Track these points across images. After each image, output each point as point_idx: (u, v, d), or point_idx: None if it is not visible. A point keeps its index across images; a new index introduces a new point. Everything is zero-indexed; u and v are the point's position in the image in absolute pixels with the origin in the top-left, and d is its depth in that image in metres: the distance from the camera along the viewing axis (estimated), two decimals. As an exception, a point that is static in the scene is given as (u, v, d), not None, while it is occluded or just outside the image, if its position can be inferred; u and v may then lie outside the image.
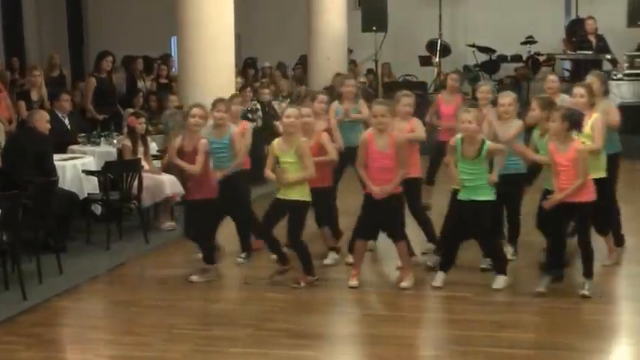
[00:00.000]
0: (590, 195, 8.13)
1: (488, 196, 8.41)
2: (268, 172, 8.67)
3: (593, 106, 8.91)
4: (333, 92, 10.80)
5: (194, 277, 8.94)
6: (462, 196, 8.48)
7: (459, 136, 8.44)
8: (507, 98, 9.13)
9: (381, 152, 8.44)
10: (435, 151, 11.41)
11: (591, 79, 9.40)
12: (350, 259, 9.15)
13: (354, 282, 8.67)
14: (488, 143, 8.39)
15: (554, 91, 10.10)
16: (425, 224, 9.70)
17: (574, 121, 8.12)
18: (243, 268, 9.47)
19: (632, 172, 13.48)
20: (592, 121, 8.75)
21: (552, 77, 10.45)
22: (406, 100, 9.44)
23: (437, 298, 8.41)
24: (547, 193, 8.50)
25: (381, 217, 8.58)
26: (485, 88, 10.17)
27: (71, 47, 22.53)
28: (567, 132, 8.09)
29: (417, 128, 9.40)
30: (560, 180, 8.15)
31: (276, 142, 8.72)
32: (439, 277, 8.60)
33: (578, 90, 9.01)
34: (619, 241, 9.64)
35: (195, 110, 8.96)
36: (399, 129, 9.04)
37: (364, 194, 8.65)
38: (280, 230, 8.97)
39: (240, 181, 9.52)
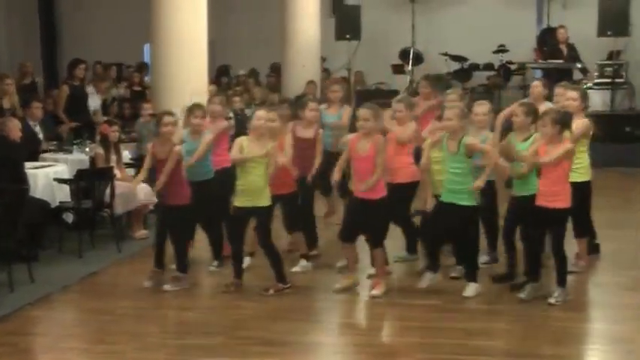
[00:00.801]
0: (565, 201, 8.18)
1: (470, 201, 8.47)
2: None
3: (584, 110, 9.09)
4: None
5: (167, 287, 8.95)
6: (444, 198, 8.56)
7: (444, 133, 8.58)
8: (483, 107, 9.19)
9: (360, 155, 8.50)
10: None
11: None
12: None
13: (338, 286, 8.78)
14: (467, 137, 8.43)
15: (537, 97, 10.15)
16: (410, 235, 9.78)
17: (565, 122, 8.21)
18: (215, 276, 9.48)
19: (602, 179, 13.59)
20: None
21: (537, 82, 10.43)
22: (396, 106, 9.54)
23: (407, 306, 8.44)
24: (514, 200, 8.65)
25: (362, 220, 8.61)
26: (452, 96, 10.14)
27: (44, 55, 22.44)
28: (559, 135, 8.14)
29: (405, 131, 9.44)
30: (542, 186, 8.23)
31: (245, 141, 8.79)
32: (426, 278, 8.66)
33: (572, 94, 9.13)
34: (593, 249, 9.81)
35: (167, 119, 8.99)
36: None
37: (348, 196, 8.69)
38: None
39: (213, 187, 9.51)
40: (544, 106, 9.53)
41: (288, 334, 7.69)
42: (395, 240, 9.62)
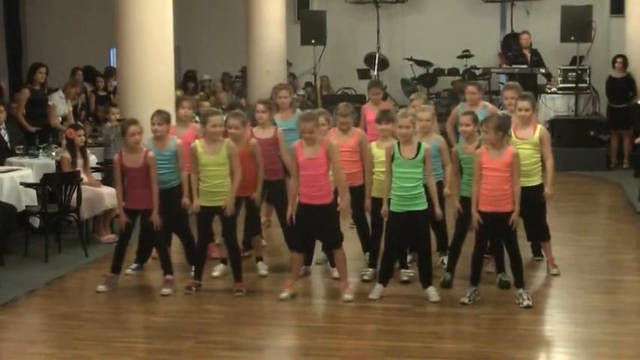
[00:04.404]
0: (510, 205, 8.37)
1: (424, 205, 8.52)
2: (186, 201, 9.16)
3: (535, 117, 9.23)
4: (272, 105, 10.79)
5: (166, 290, 8.97)
6: (396, 208, 8.55)
7: (394, 141, 8.63)
8: (426, 113, 9.24)
9: (309, 159, 8.51)
10: None
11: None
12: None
13: (284, 294, 8.75)
14: (425, 145, 8.54)
15: (475, 102, 10.30)
16: (364, 234, 9.75)
17: (506, 128, 8.46)
18: (185, 280, 9.44)
19: (566, 183, 13.72)
20: (539, 132, 9.19)
21: (471, 88, 10.54)
22: (341, 119, 9.51)
23: (376, 309, 8.46)
24: (463, 200, 8.77)
25: (316, 227, 8.60)
26: (417, 101, 10.20)
27: (10, 60, 22.27)
28: (502, 140, 8.33)
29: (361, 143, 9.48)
30: (484, 185, 8.34)
31: (199, 145, 8.86)
32: (377, 290, 8.68)
33: (523, 104, 9.21)
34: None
35: (132, 128, 8.99)
36: (342, 142, 9.31)
37: (298, 204, 8.66)
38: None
39: (178, 196, 9.49)
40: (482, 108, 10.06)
41: (257, 339, 7.69)
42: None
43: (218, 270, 9.56)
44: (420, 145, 8.51)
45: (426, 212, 8.56)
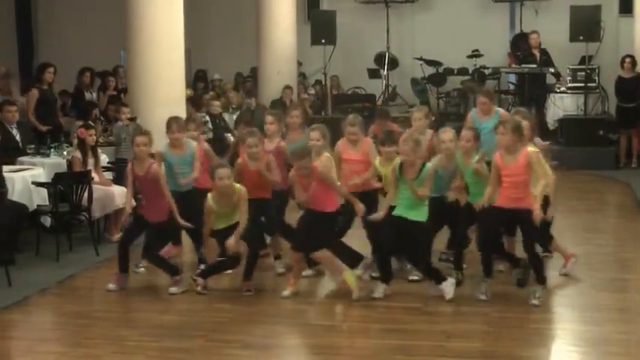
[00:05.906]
0: (530, 204, 8.31)
1: (421, 217, 8.53)
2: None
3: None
4: (282, 104, 10.78)
5: (173, 289, 9.02)
6: (396, 212, 8.59)
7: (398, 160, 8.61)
8: (448, 134, 9.09)
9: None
10: None
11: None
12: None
13: (287, 292, 8.82)
14: (429, 165, 8.58)
15: (487, 111, 10.26)
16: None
17: (522, 132, 8.36)
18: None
19: (575, 182, 13.71)
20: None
21: (482, 99, 10.47)
22: (350, 129, 9.43)
23: (386, 308, 8.47)
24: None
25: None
26: (417, 114, 10.02)
27: (21, 61, 22.35)
28: (517, 144, 8.27)
29: (369, 152, 9.41)
30: (507, 192, 8.31)
31: (211, 199, 8.88)
32: (380, 289, 8.71)
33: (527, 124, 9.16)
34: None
35: (139, 139, 9.15)
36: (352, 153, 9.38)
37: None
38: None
39: (197, 198, 9.52)
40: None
41: (268, 337, 7.73)
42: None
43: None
44: (423, 165, 8.54)
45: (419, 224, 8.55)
